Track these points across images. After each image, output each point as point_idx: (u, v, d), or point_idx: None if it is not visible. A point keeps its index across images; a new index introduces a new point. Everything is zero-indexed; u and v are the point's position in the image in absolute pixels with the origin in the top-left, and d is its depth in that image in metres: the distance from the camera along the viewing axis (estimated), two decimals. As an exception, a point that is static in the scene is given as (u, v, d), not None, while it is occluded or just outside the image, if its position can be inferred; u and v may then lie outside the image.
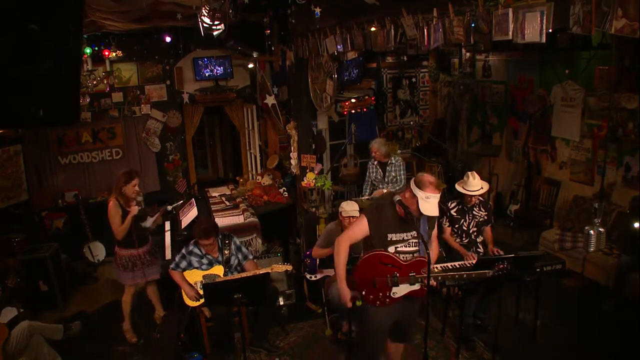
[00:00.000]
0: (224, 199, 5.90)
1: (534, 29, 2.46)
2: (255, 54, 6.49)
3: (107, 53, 6.93)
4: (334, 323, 4.71)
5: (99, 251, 6.44)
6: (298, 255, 5.73)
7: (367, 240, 3.25)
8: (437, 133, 8.46)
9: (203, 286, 3.90)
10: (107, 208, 4.42)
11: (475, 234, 4.49)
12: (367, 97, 7.28)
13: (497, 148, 7.55)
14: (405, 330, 3.46)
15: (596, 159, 5.98)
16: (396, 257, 3.13)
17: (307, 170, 5.45)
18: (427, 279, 3.04)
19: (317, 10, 4.22)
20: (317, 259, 4.71)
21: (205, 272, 4.19)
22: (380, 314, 3.23)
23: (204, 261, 4.20)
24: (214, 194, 6.21)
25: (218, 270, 4.18)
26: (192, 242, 4.22)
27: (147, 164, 7.74)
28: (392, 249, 3.15)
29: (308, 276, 4.84)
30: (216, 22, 4.24)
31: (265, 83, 6.64)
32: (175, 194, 6.90)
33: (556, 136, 6.55)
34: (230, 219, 5.21)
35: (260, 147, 7.95)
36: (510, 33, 2.59)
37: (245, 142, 8.30)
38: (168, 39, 7.16)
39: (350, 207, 4.47)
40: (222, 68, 7.59)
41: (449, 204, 4.49)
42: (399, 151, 8.09)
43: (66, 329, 4.61)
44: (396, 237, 3.14)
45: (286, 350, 4.45)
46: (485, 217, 4.48)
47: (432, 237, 3.35)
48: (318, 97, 5.45)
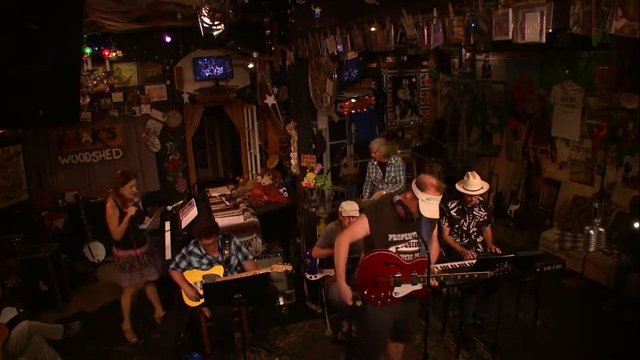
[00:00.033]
0: (224, 199, 5.89)
1: (534, 29, 2.46)
2: (255, 54, 6.49)
3: (107, 53, 6.93)
4: (334, 323, 4.71)
5: (99, 251, 6.44)
6: (298, 255, 5.73)
7: (367, 240, 3.25)
8: (437, 133, 8.46)
9: (203, 286, 3.90)
10: (105, 209, 4.43)
11: (475, 234, 4.49)
12: (367, 97, 7.28)
13: (497, 148, 7.55)
14: (405, 330, 3.46)
15: (596, 159, 5.98)
16: (399, 257, 3.13)
17: (307, 170, 5.44)
18: (427, 279, 3.04)
19: (317, 10, 4.22)
20: (317, 259, 4.71)
21: (205, 272, 4.19)
22: (381, 314, 3.23)
23: (204, 261, 4.20)
24: (214, 194, 6.20)
25: (218, 270, 4.17)
26: (192, 242, 4.22)
27: (147, 164, 7.74)
28: (392, 249, 3.15)
29: (308, 276, 4.84)
30: (216, 22, 4.24)
31: (265, 83, 6.64)
32: (175, 194, 6.90)
33: (556, 136, 6.55)
34: (230, 219, 5.20)
35: (260, 147, 7.95)
36: (510, 33, 2.59)
37: (245, 142, 8.30)
38: (168, 39, 7.16)
39: (350, 207, 4.47)
40: (222, 68, 7.58)
41: (449, 204, 4.49)
42: (399, 151, 8.09)
43: (66, 329, 4.61)
44: (397, 237, 3.14)
45: (286, 350, 4.45)
46: (486, 217, 4.49)
47: (433, 237, 3.35)
48: (318, 97, 5.44)
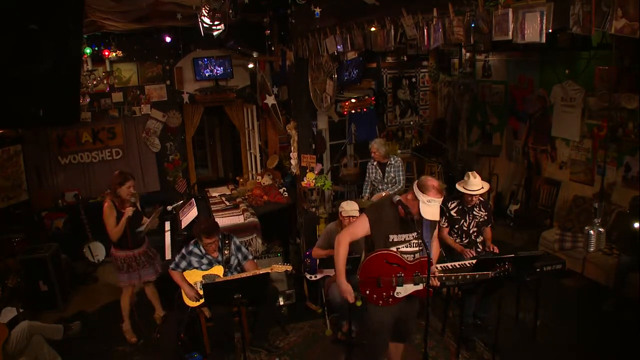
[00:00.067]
0: (224, 199, 5.89)
1: (534, 29, 2.46)
2: (255, 54, 6.50)
3: (107, 53, 6.93)
4: (334, 323, 4.71)
5: (99, 251, 6.43)
6: (298, 255, 5.73)
7: (368, 240, 3.25)
8: (437, 133, 8.46)
9: (203, 286, 3.89)
10: (102, 209, 4.44)
11: (475, 234, 4.49)
12: (367, 97, 7.28)
13: (497, 148, 7.55)
14: (405, 330, 3.46)
15: (596, 159, 5.98)
16: (401, 257, 3.13)
17: (307, 170, 5.44)
18: (427, 279, 3.04)
19: (317, 10, 4.22)
20: (317, 259, 4.71)
21: (205, 272, 4.18)
22: (382, 314, 3.24)
23: (204, 261, 4.20)
24: (214, 194, 6.21)
25: (218, 271, 4.17)
26: (192, 242, 4.22)
27: (147, 164, 7.75)
28: (393, 249, 3.15)
29: (308, 276, 4.84)
30: (216, 22, 4.23)
31: (265, 83, 6.64)
32: (175, 194, 6.90)
33: (556, 136, 6.55)
34: (230, 219, 5.20)
35: (260, 147, 7.95)
36: (510, 33, 2.59)
37: (245, 142, 8.30)
38: (168, 39, 7.16)
39: (350, 207, 4.47)
40: (222, 68, 7.59)
41: (449, 205, 4.48)
42: (399, 151, 8.08)
43: (66, 329, 4.60)
44: (397, 238, 3.14)
45: (286, 350, 4.45)
46: (486, 218, 4.49)
47: (433, 237, 3.35)
48: (318, 97, 5.44)
